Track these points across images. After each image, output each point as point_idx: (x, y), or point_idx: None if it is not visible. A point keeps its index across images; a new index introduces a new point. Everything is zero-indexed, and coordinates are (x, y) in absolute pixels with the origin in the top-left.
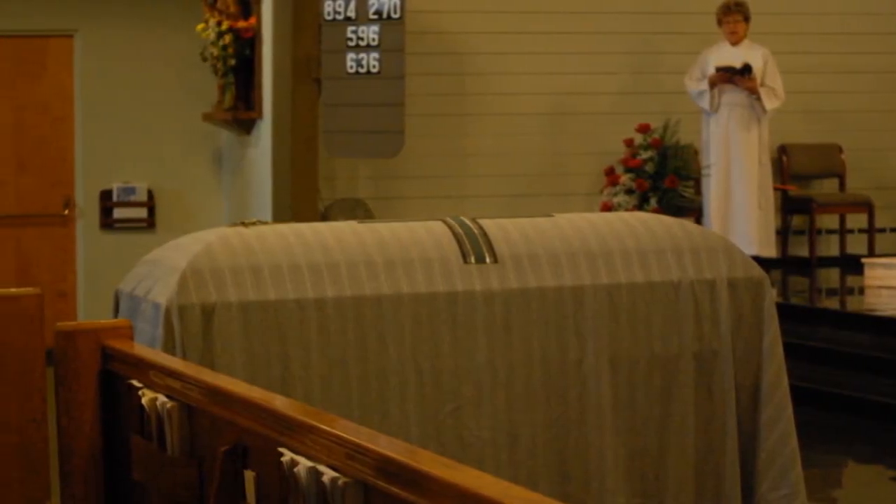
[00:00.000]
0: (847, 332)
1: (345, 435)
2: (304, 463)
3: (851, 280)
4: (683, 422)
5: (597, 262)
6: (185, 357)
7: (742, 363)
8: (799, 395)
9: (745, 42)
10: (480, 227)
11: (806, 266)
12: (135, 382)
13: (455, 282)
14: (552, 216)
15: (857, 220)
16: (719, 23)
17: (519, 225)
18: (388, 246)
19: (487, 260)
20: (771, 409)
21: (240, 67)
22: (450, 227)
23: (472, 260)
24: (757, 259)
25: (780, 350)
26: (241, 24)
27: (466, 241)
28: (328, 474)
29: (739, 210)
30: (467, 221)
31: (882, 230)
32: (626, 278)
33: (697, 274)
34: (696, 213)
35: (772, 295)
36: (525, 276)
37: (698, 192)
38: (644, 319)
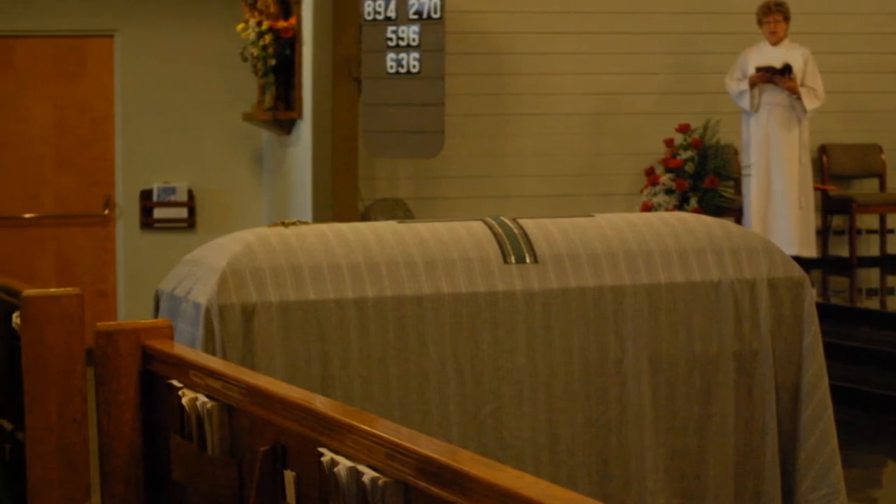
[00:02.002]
0: (887, 331)
1: (385, 435)
2: (344, 463)
3: (892, 280)
4: (723, 422)
5: (637, 261)
6: (225, 357)
7: (782, 363)
8: (839, 395)
9: (786, 42)
10: (521, 227)
11: (846, 266)
12: (175, 382)
13: (495, 282)
14: (592, 216)
15: None
16: (759, 23)
17: (559, 225)
18: (429, 246)
19: (528, 260)
20: (811, 408)
21: (280, 67)
22: (490, 227)
23: (513, 260)
24: (797, 259)
25: (820, 350)
26: (282, 23)
27: (507, 241)
28: (368, 474)
29: (780, 210)
30: (507, 221)
31: None
32: (665, 278)
33: (737, 274)
34: (736, 213)
35: (812, 295)
36: (565, 276)
37: (738, 192)
38: (684, 319)
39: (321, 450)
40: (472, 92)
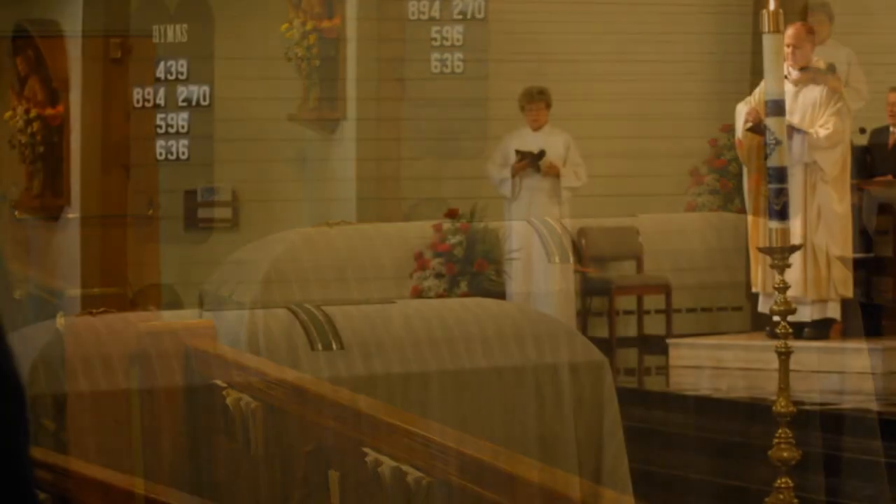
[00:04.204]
0: (641, 409)
1: (429, 435)
2: (388, 463)
3: (649, 360)
4: None
5: (441, 349)
6: (268, 357)
7: (584, 445)
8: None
9: (546, 127)
10: (325, 315)
11: (606, 347)
12: (219, 382)
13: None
14: (394, 302)
15: (654, 301)
16: (522, 109)
17: (364, 312)
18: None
19: (334, 347)
20: (613, 488)
21: (324, 67)
22: (295, 314)
23: (320, 347)
24: None
25: (619, 431)
26: (326, 24)
27: (313, 329)
28: (412, 474)
29: (542, 291)
30: (312, 309)
31: (678, 310)
32: (470, 364)
33: (539, 359)
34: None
35: (611, 377)
36: (371, 362)
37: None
38: (487, 405)
39: (365, 450)
40: (514, 93)
